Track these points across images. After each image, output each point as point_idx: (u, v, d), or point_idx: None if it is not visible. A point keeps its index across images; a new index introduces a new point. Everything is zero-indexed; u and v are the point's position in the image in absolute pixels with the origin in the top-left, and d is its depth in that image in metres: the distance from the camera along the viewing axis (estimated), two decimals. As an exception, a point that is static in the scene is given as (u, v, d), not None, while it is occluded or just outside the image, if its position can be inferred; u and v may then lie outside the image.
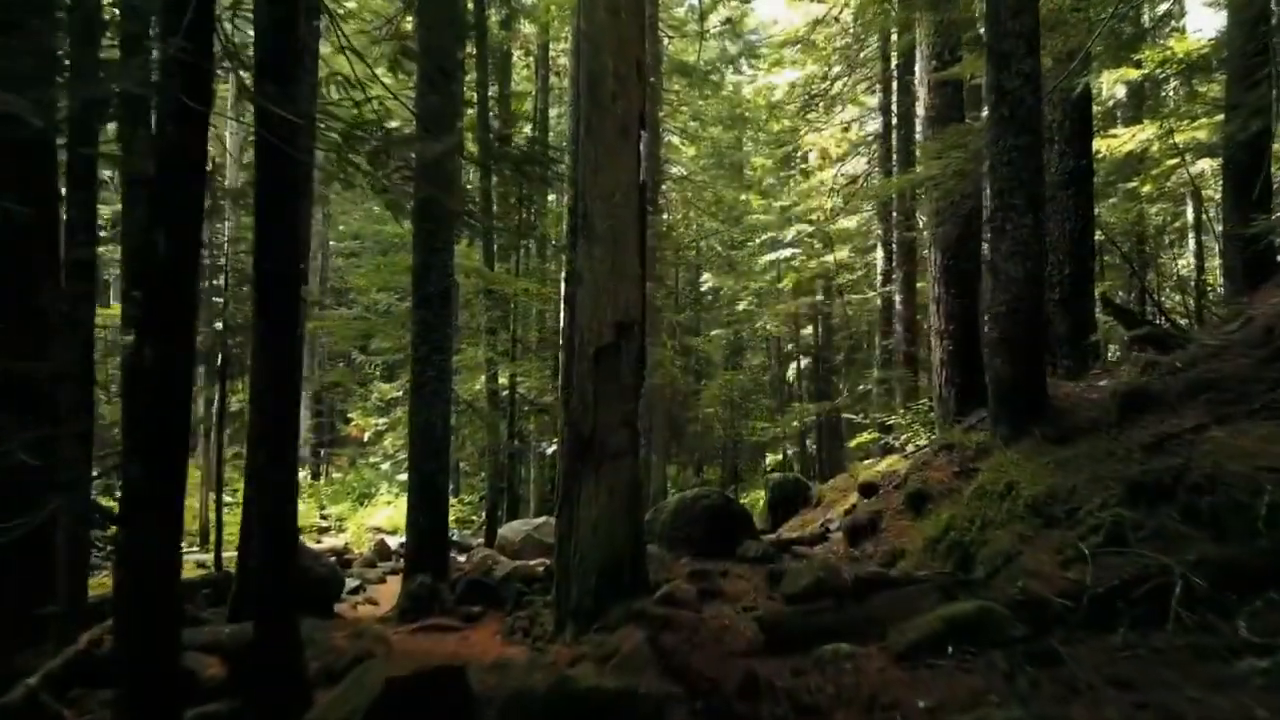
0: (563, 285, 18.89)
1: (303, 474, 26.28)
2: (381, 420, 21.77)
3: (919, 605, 4.70)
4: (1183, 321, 13.39)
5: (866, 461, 13.19)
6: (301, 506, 21.02)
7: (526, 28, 20.54)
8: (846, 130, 22.04)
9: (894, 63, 18.26)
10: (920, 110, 11.84)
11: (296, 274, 7.25)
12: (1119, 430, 5.91)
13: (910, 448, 11.79)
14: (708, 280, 28.82)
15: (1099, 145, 12.87)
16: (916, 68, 12.04)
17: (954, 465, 9.44)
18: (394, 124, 7.91)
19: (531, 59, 21.99)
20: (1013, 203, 6.57)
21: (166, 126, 5.96)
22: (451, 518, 20.42)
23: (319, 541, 18.20)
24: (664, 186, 21.97)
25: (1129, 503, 4.83)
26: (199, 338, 12.00)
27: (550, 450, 18.37)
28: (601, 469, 6.80)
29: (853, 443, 16.14)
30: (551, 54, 21.07)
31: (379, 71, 7.59)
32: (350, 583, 14.68)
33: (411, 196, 7.14)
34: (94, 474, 9.00)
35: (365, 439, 22.42)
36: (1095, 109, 13.91)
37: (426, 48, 10.56)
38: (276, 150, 6.49)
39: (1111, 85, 17.69)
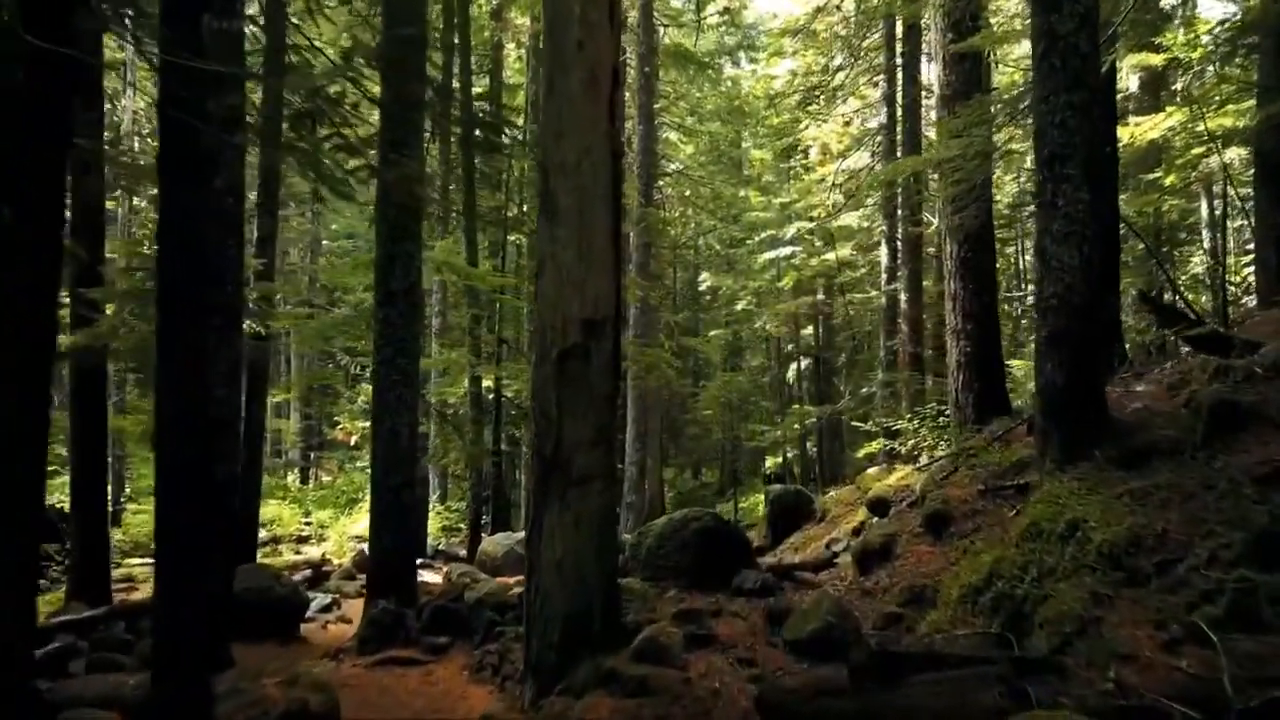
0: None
1: (291, 478, 24.98)
2: (368, 424, 20.39)
3: (973, 701, 3.32)
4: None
5: (872, 470, 11.81)
6: (286, 512, 19.74)
7: (518, 19, 19.23)
8: (848, 124, 20.67)
9: (899, 50, 16.87)
10: (935, 87, 10.47)
11: (207, 263, 5.86)
12: (1209, 453, 4.54)
13: (924, 458, 10.40)
14: (706, 279, 27.49)
15: (1120, 134, 11.51)
16: (930, 39, 10.66)
17: (979, 483, 8.06)
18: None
19: (524, 50, 20.66)
20: (1065, 173, 5.20)
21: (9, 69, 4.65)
22: (439, 525, 19.09)
23: (299, 552, 16.86)
24: (659, 183, 20.63)
25: (1255, 559, 3.46)
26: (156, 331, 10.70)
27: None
28: (567, 496, 5.44)
29: (860, 453, 14.75)
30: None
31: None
32: (323, 599, 13.37)
33: (345, 171, 5.81)
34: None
35: (353, 442, 21.12)
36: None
37: (390, 13, 9.23)
38: (178, 115, 5.16)
39: (1127, 75, 16.30)
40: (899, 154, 16.44)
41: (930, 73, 19.02)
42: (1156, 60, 13.54)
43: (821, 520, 10.95)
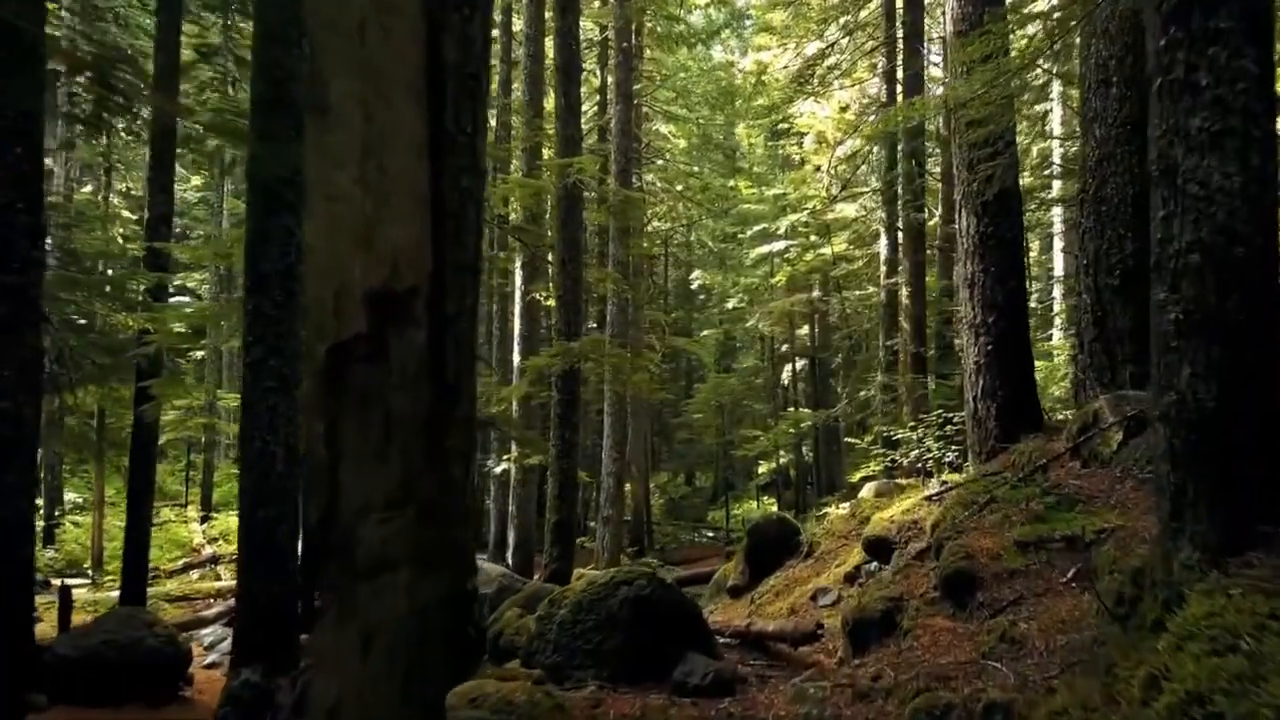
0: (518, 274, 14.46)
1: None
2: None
3: None
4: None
5: (869, 491, 9.30)
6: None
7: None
8: (844, 110, 18.13)
9: (899, 20, 14.37)
10: (947, 22, 7.99)
11: None
12: None
13: (934, 483, 7.87)
14: (699, 278, 25.01)
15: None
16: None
17: (1018, 524, 5.56)
18: None
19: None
20: (1213, 28, 2.70)
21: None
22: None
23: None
24: (641, 169, 18.14)
25: None
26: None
27: (500, 469, 14.53)
28: (350, 597, 2.98)
29: (855, 476, 12.21)
30: (518, 30, 17.31)
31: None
32: (237, 638, 10.86)
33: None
34: None
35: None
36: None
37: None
38: None
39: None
40: (900, 135, 13.90)
41: (932, 53, 16.58)
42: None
43: (809, 556, 8.47)
